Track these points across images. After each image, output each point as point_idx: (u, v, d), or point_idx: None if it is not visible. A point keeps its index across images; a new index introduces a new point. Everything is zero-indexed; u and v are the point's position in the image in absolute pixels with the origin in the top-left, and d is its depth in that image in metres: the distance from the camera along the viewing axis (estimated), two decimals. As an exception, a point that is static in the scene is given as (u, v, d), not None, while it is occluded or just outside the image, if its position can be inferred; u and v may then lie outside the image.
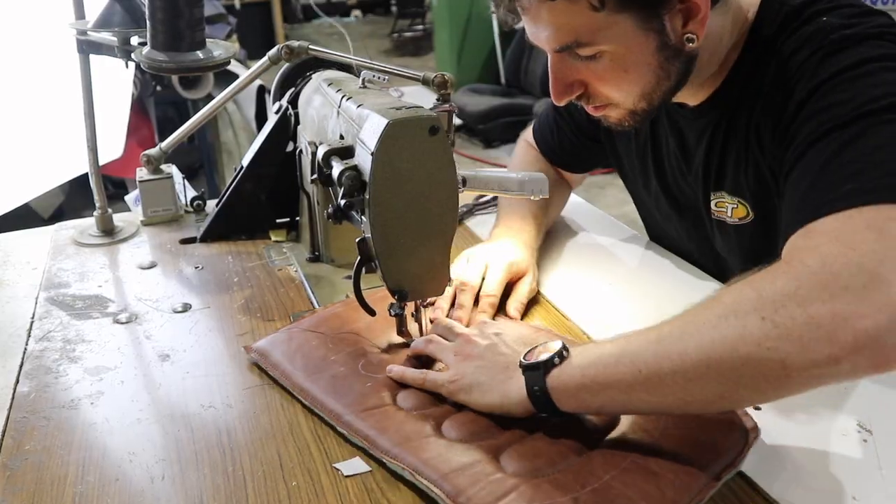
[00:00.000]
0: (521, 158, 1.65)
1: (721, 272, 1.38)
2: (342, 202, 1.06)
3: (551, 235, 1.55)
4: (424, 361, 1.11)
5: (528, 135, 1.68)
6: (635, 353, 0.87)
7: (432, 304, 1.24)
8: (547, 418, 0.94)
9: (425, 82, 1.27)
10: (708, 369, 0.82)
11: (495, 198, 1.66)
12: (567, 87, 1.15)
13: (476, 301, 1.27)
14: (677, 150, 1.33)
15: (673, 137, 1.34)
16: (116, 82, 2.45)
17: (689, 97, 1.25)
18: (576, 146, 1.57)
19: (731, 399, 0.84)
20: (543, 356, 0.93)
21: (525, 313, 1.28)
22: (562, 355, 0.93)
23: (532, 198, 1.21)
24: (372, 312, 1.15)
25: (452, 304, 1.26)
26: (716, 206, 1.29)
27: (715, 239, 1.35)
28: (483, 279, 1.30)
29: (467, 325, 1.19)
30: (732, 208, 1.26)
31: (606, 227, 1.62)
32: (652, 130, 1.39)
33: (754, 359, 0.79)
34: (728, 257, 1.35)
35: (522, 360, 0.95)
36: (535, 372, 0.93)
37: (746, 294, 0.83)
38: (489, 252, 1.35)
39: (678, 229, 1.44)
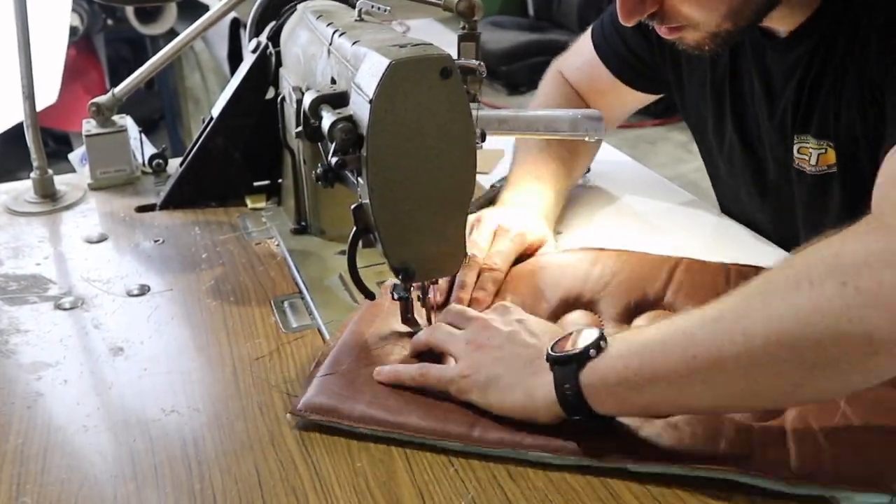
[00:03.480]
0: (547, 92, 1.65)
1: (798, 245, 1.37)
2: (334, 161, 1.06)
3: (588, 201, 1.54)
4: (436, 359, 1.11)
5: (561, 63, 1.68)
6: (688, 335, 0.87)
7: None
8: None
9: (447, 8, 1.25)
10: (779, 349, 0.82)
11: None
12: (639, 3, 1.15)
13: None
14: (761, 89, 1.33)
15: (757, 74, 1.33)
16: (50, 11, 2.44)
17: (781, 22, 1.24)
18: (639, 58, 1.56)
19: (807, 389, 0.84)
20: (578, 346, 0.93)
21: None
22: (599, 346, 0.92)
23: (587, 139, 1.20)
24: (371, 296, 1.14)
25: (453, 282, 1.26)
26: (798, 152, 1.28)
27: (795, 197, 1.34)
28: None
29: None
30: (819, 154, 1.25)
31: (658, 191, 1.61)
32: (732, 64, 1.38)
33: (833, 333, 0.79)
34: (806, 222, 1.34)
35: (550, 352, 0.95)
36: (567, 366, 0.92)
37: (821, 256, 0.83)
38: (499, 216, 1.35)
39: (751, 191, 1.44)
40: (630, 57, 1.56)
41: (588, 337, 0.94)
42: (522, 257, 1.32)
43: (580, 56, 1.64)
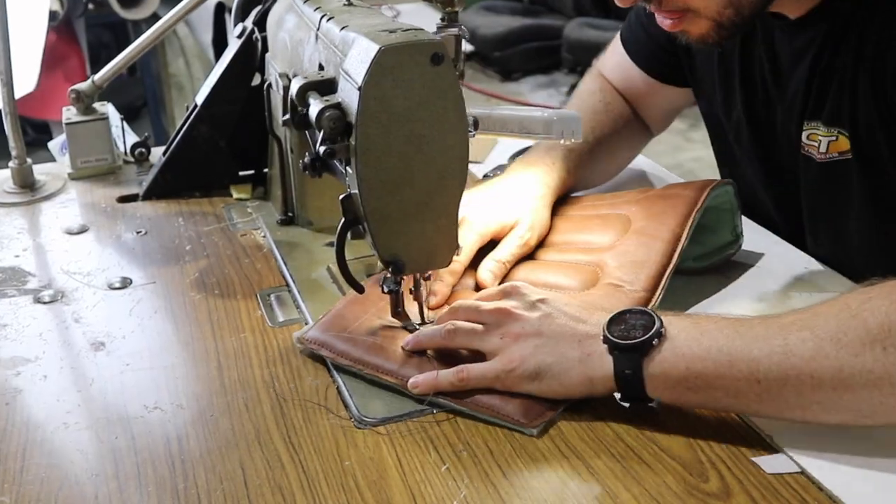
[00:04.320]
0: (583, 89, 1.63)
1: (803, 230, 1.39)
2: (322, 149, 1.05)
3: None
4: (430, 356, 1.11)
5: (600, 64, 1.66)
6: (755, 359, 0.92)
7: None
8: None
9: (427, -6, 1.26)
10: (841, 398, 0.90)
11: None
12: None
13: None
14: (770, 72, 1.34)
15: (766, 56, 1.34)
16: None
17: (790, 6, 1.24)
18: (660, 45, 1.54)
19: (855, 423, 0.92)
20: (638, 334, 0.97)
21: None
22: (660, 334, 0.96)
23: (563, 141, 1.20)
24: (360, 289, 1.14)
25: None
26: (808, 138, 1.29)
27: (800, 183, 1.35)
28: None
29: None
30: (829, 142, 1.26)
31: (656, 180, 1.61)
32: (743, 44, 1.39)
33: None
34: (810, 209, 1.35)
35: (610, 336, 0.98)
36: (630, 354, 0.96)
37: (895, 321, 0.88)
38: (465, 210, 1.33)
39: (758, 172, 1.44)
40: (652, 45, 1.54)
41: (643, 321, 0.98)
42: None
43: (614, 55, 1.62)
